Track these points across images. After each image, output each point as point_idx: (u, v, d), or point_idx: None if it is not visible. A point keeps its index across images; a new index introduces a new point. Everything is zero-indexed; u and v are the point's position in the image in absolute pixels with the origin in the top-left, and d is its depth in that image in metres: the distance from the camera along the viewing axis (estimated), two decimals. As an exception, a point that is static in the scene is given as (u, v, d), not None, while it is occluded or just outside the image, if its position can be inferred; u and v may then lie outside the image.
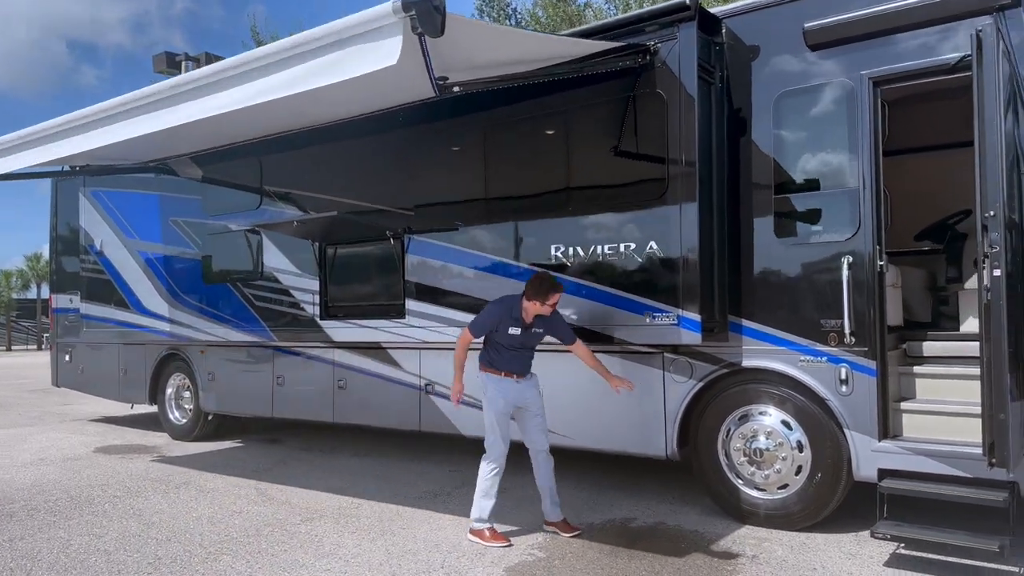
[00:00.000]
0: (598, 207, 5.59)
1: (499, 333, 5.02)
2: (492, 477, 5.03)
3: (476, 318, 5.14)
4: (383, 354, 7.20)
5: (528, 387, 5.13)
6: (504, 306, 5.05)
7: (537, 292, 4.92)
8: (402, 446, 8.32)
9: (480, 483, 5.06)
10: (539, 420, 5.14)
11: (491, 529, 5.01)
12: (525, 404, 5.10)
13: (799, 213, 5.07)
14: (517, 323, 5.00)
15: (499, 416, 5.03)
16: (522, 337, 5.05)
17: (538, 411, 5.14)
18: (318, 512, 5.88)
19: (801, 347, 5.02)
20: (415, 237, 6.63)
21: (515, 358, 5.09)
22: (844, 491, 4.98)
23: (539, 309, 4.93)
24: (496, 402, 5.04)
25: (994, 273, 3.78)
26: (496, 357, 5.08)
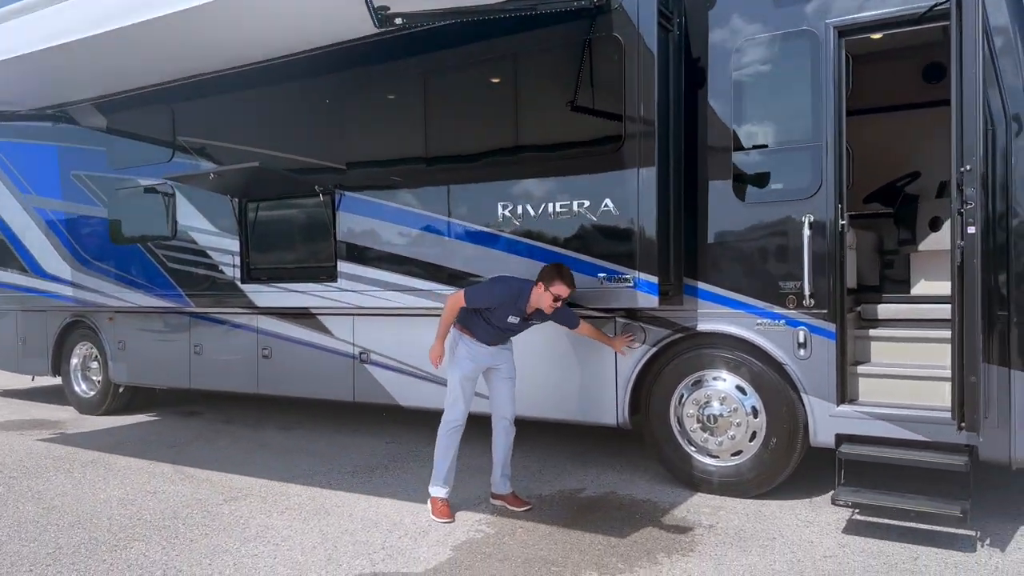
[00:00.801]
0: (549, 162, 5.23)
1: (492, 314, 4.65)
2: (447, 439, 4.73)
3: (478, 290, 4.71)
4: (312, 320, 6.71)
5: (502, 351, 4.82)
6: (511, 292, 4.61)
7: (551, 280, 4.53)
8: (333, 417, 7.87)
9: (438, 443, 4.77)
10: (509, 384, 4.81)
11: (443, 501, 4.71)
12: (496, 366, 4.79)
13: (759, 170, 4.84)
14: (519, 313, 4.64)
15: (463, 379, 4.71)
16: (518, 326, 4.72)
17: (510, 375, 4.82)
18: (243, 491, 5.41)
19: (758, 310, 4.83)
20: (347, 193, 6.13)
21: (496, 335, 4.74)
22: (799, 457, 4.85)
23: (547, 303, 4.54)
24: (464, 364, 4.71)
25: (968, 230, 3.63)
26: (475, 325, 4.71)
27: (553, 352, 5.47)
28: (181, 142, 7.18)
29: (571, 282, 4.57)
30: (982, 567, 3.79)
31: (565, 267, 4.64)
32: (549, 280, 4.53)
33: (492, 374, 4.81)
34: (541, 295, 4.53)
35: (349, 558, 4.10)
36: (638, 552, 4.09)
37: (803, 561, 3.91)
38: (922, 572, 3.74)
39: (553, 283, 4.52)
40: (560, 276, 4.54)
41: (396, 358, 6.28)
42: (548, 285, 4.52)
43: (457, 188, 5.59)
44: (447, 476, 4.72)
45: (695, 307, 5.02)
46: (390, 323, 6.25)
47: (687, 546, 4.16)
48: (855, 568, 3.81)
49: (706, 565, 3.89)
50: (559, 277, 4.54)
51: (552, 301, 4.51)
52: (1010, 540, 4.12)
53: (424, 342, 6.01)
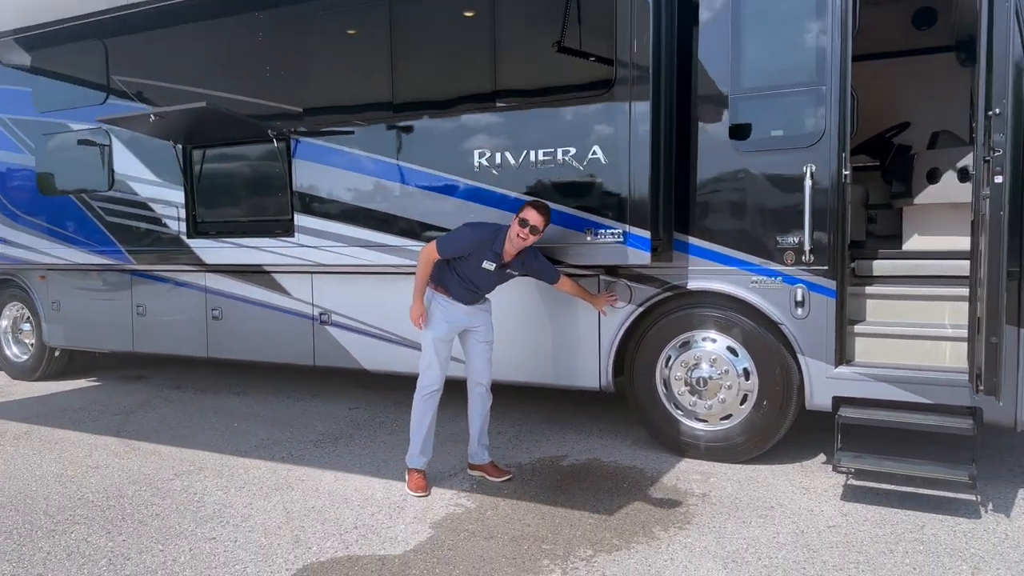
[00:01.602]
0: (531, 107, 4.78)
1: (467, 263, 4.25)
2: (422, 404, 4.36)
3: (450, 237, 4.33)
4: (267, 279, 6.22)
5: (479, 311, 4.44)
6: (486, 234, 4.23)
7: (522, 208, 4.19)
8: (291, 381, 7.42)
9: (413, 411, 4.40)
10: (485, 348, 4.45)
11: (420, 473, 4.37)
12: (473, 327, 4.41)
13: (758, 115, 4.49)
14: (495, 258, 4.23)
15: (437, 341, 4.32)
16: (494, 275, 4.31)
17: (487, 338, 4.46)
18: (196, 464, 4.97)
19: (754, 267, 4.54)
20: (304, 139, 5.60)
21: (472, 291, 4.35)
22: (791, 421, 4.62)
23: (515, 232, 4.14)
24: (438, 325, 4.32)
25: (995, 180, 3.36)
26: (450, 281, 4.32)
27: (531, 313, 5.12)
28: (116, 82, 6.51)
29: (544, 211, 4.18)
30: (991, 535, 3.62)
31: (542, 202, 4.30)
32: (521, 209, 4.19)
33: (468, 337, 4.45)
34: (513, 227, 4.16)
35: (319, 539, 3.73)
36: (632, 525, 3.81)
37: (807, 532, 3.69)
38: (931, 542, 3.55)
39: (523, 209, 4.16)
40: (531, 203, 4.21)
41: (360, 319, 5.86)
42: (519, 212, 4.17)
43: (428, 134, 5.12)
44: (424, 446, 4.37)
45: (685, 264, 4.70)
46: (353, 281, 5.81)
47: (683, 518, 3.90)
48: (862, 539, 3.60)
49: (707, 539, 3.64)
50: (530, 204, 4.20)
51: (519, 228, 4.11)
52: (1013, 505, 3.97)
53: (391, 302, 5.66)
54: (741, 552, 3.49)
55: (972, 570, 3.26)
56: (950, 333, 4.37)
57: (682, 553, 3.50)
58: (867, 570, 3.29)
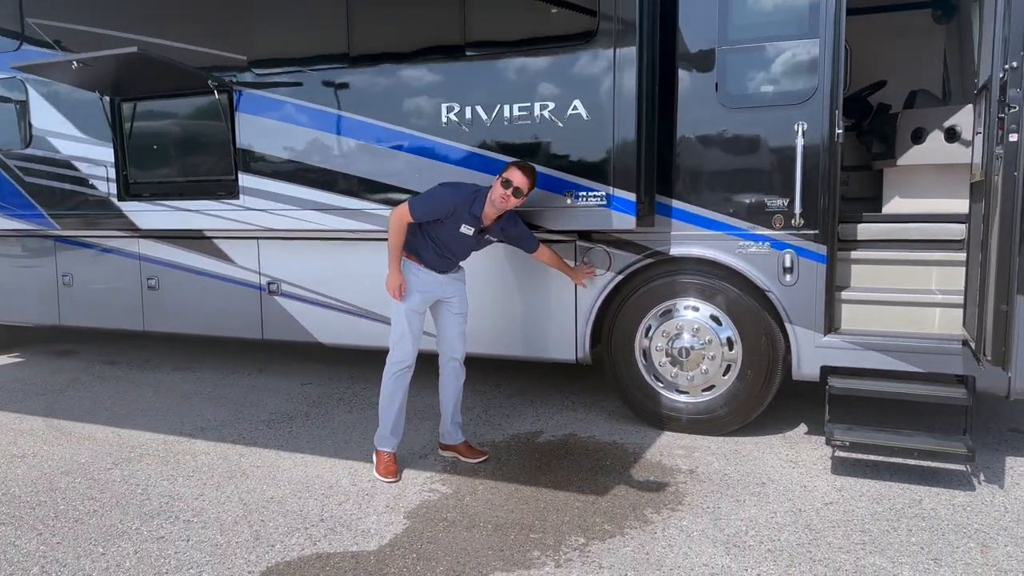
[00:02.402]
0: (504, 57, 4.38)
1: (443, 227, 3.88)
2: (395, 382, 4.00)
3: (424, 198, 3.93)
4: (208, 245, 5.73)
5: (453, 280, 4.09)
6: (464, 195, 3.86)
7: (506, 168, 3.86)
8: (237, 356, 6.94)
9: (383, 389, 4.04)
10: (459, 320, 4.11)
11: (390, 455, 4.04)
12: (446, 298, 4.07)
13: (747, 69, 4.21)
14: (474, 222, 3.87)
15: (410, 312, 3.95)
16: (472, 241, 3.95)
17: (461, 309, 4.12)
18: (136, 450, 4.52)
19: (740, 231, 4.30)
20: (249, 91, 5.08)
21: (446, 258, 4.00)
22: (774, 392, 4.45)
23: (498, 195, 3.80)
24: (411, 295, 3.95)
25: (1010, 138, 3.15)
26: (422, 247, 3.95)
27: (502, 282, 4.80)
28: (32, 25, 5.82)
29: (529, 173, 3.84)
30: (989, 507, 3.51)
31: (528, 163, 3.96)
32: (504, 169, 3.85)
33: (441, 309, 4.10)
34: (495, 188, 3.82)
35: (282, 535, 3.38)
36: (622, 508, 3.58)
37: (805, 510, 3.52)
38: (932, 517, 3.42)
39: (507, 170, 3.83)
40: (516, 164, 3.87)
41: (314, 289, 5.44)
42: (502, 172, 3.84)
43: (390, 86, 4.67)
44: (395, 426, 4.03)
45: (668, 228, 4.44)
46: (305, 248, 5.37)
47: (674, 498, 3.68)
48: (863, 517, 3.44)
49: (702, 521, 3.43)
50: (514, 164, 3.86)
51: (501, 190, 3.78)
52: (1004, 474, 3.89)
53: (348, 270, 5.25)
54: (741, 535, 3.29)
55: (981, 548, 3.13)
56: (939, 299, 4.24)
57: (679, 538, 3.28)
58: (874, 550, 3.12)
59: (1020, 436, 4.46)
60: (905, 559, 3.05)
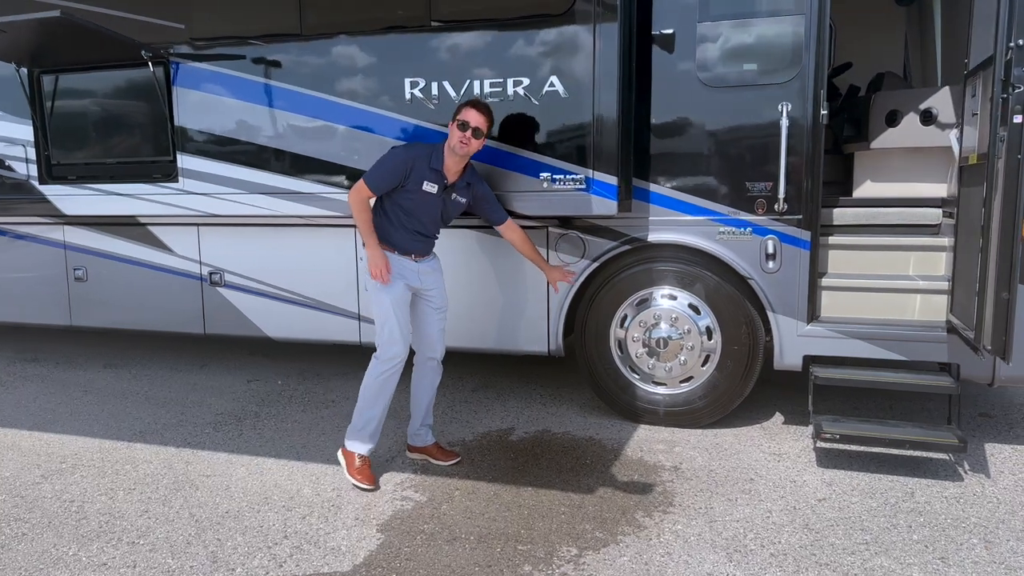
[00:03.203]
0: (473, 28, 4.07)
1: (406, 192, 3.55)
2: (382, 381, 3.66)
3: (377, 166, 3.59)
4: (142, 232, 5.26)
5: (430, 270, 3.77)
6: (419, 150, 3.57)
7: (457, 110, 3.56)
8: (172, 351, 6.46)
9: (366, 388, 3.70)
10: (440, 317, 3.81)
11: (363, 459, 3.71)
12: (425, 290, 3.74)
13: (730, 47, 4.02)
14: (437, 177, 3.55)
15: (396, 302, 3.61)
16: (439, 201, 3.61)
17: (440, 305, 3.81)
18: (69, 460, 4.09)
19: (721, 216, 4.12)
20: (188, 63, 4.63)
21: (419, 237, 3.67)
22: (754, 382, 4.31)
23: (456, 140, 3.49)
24: (393, 284, 3.61)
25: (1014, 120, 3.04)
26: (392, 230, 3.62)
27: (469, 270, 4.52)
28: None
29: (485, 110, 3.56)
30: (980, 499, 3.44)
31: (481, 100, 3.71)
32: (457, 111, 3.56)
33: (419, 303, 3.79)
34: (451, 133, 3.54)
35: (243, 556, 3.04)
36: (612, 512, 3.36)
37: (800, 508, 3.38)
38: (929, 512, 3.32)
39: (460, 111, 3.54)
40: (468, 103, 3.57)
41: (262, 279, 5.05)
42: (455, 115, 3.54)
43: (347, 59, 4.31)
44: (376, 429, 3.72)
45: (646, 213, 4.23)
46: (252, 235, 4.97)
47: (663, 499, 3.49)
48: (859, 513, 3.32)
49: (698, 524, 3.24)
50: (467, 103, 3.57)
51: (459, 133, 3.48)
52: (987, 463, 3.83)
53: (301, 259, 4.87)
54: (740, 538, 3.12)
55: (984, 544, 3.03)
56: (921, 285, 4.15)
57: (677, 544, 3.09)
58: (878, 551, 2.99)
59: (991, 421, 4.44)
60: (912, 559, 2.93)
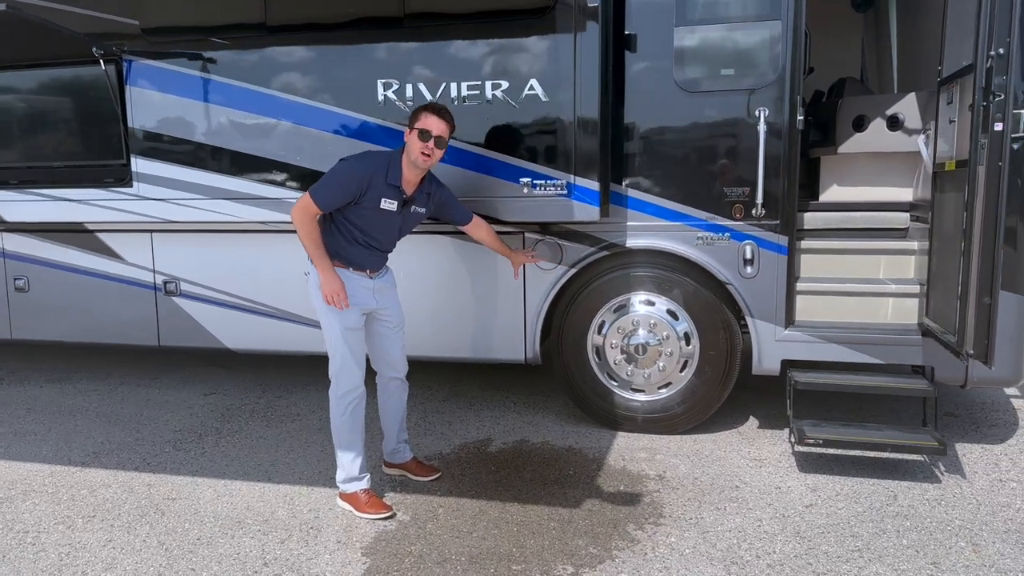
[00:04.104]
0: (450, 29, 3.94)
1: (360, 209, 3.29)
2: (351, 417, 3.44)
3: (326, 182, 3.27)
4: (90, 240, 4.98)
5: (385, 288, 3.54)
6: (375, 164, 3.28)
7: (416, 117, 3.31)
8: (123, 363, 6.14)
9: (337, 430, 3.46)
10: (399, 334, 3.61)
11: (367, 492, 3.47)
12: (380, 309, 3.52)
13: (707, 52, 4.00)
14: (395, 193, 3.30)
15: (347, 332, 3.36)
16: (398, 218, 3.37)
17: (398, 319, 3.60)
18: (18, 486, 3.81)
19: (699, 222, 4.10)
20: (142, 61, 4.38)
21: (374, 254, 3.44)
22: (731, 387, 4.31)
23: (417, 150, 3.23)
24: (344, 312, 3.35)
25: (995, 127, 3.08)
26: (344, 244, 3.36)
27: (444, 277, 4.40)
28: None
29: (447, 115, 3.29)
30: (961, 500, 3.49)
31: (440, 103, 3.46)
32: (414, 118, 3.31)
33: (374, 324, 3.54)
34: (410, 144, 3.27)
35: (221, 587, 2.87)
36: (603, 526, 3.30)
37: (789, 515, 3.37)
38: (914, 516, 3.35)
39: (418, 118, 3.28)
40: (426, 107, 3.31)
41: (221, 288, 4.83)
42: (413, 123, 3.30)
43: (316, 58, 4.14)
44: (364, 461, 3.51)
45: (624, 219, 4.18)
46: (210, 242, 4.74)
47: (652, 510, 3.44)
48: (847, 519, 3.33)
49: (691, 536, 3.20)
50: (425, 109, 3.30)
51: (421, 144, 3.22)
52: (960, 464, 3.90)
53: (262, 267, 4.68)
54: (735, 549, 3.09)
55: (972, 547, 3.07)
56: (892, 289, 4.21)
57: (673, 557, 3.03)
58: (872, 558, 3.00)
59: (957, 420, 4.54)
60: (906, 565, 2.94)
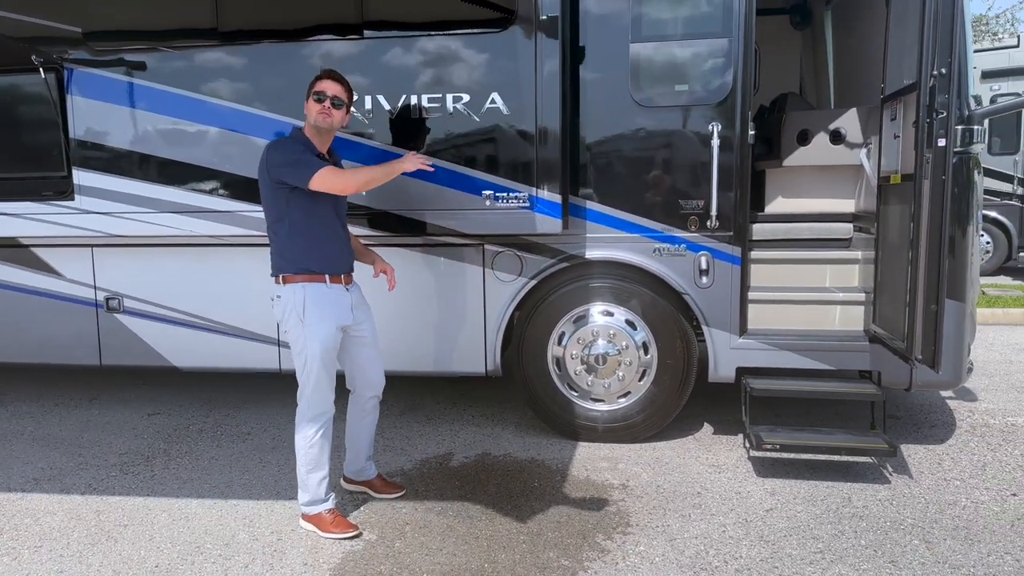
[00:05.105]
0: (410, 42, 3.92)
1: (303, 191, 3.20)
2: (320, 440, 3.33)
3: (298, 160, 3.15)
4: (24, 255, 4.75)
5: (360, 301, 3.47)
6: (293, 140, 3.27)
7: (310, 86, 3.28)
8: (57, 383, 5.87)
9: (304, 453, 3.33)
10: (376, 351, 3.53)
11: (332, 512, 3.38)
12: (356, 324, 3.42)
13: (662, 67, 4.09)
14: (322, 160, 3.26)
15: (327, 350, 3.26)
16: None
17: (373, 335, 3.52)
18: (-48, 519, 3.59)
19: (656, 233, 4.18)
20: (85, 70, 4.21)
21: (336, 240, 3.32)
22: (688, 394, 4.39)
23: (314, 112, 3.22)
24: (322, 330, 3.24)
25: (938, 143, 3.24)
26: (312, 249, 3.24)
27: (402, 291, 4.32)
28: None
29: (340, 77, 3.29)
30: (911, 499, 3.63)
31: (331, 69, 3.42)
32: (308, 90, 3.28)
33: (350, 341, 3.44)
34: (309, 110, 3.26)
35: (185, 617, 2.76)
36: (572, 537, 3.31)
37: (752, 520, 3.45)
38: (870, 516, 3.47)
39: (312, 86, 3.26)
40: (319, 75, 3.29)
41: (167, 304, 4.68)
42: (308, 93, 3.27)
43: (269, 68, 4.06)
44: (330, 482, 3.41)
45: (583, 231, 4.22)
46: (156, 256, 4.59)
47: (619, 519, 3.47)
48: (807, 521, 3.43)
49: (659, 544, 3.24)
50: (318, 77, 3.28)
51: (318, 107, 3.21)
52: (907, 464, 4.06)
53: (212, 281, 4.54)
54: (703, 555, 3.14)
55: (925, 544, 3.20)
56: (839, 297, 4.37)
57: (644, 567, 3.07)
58: (834, 559, 3.09)
59: (899, 422, 4.73)
60: (866, 564, 3.04)
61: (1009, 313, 7.84)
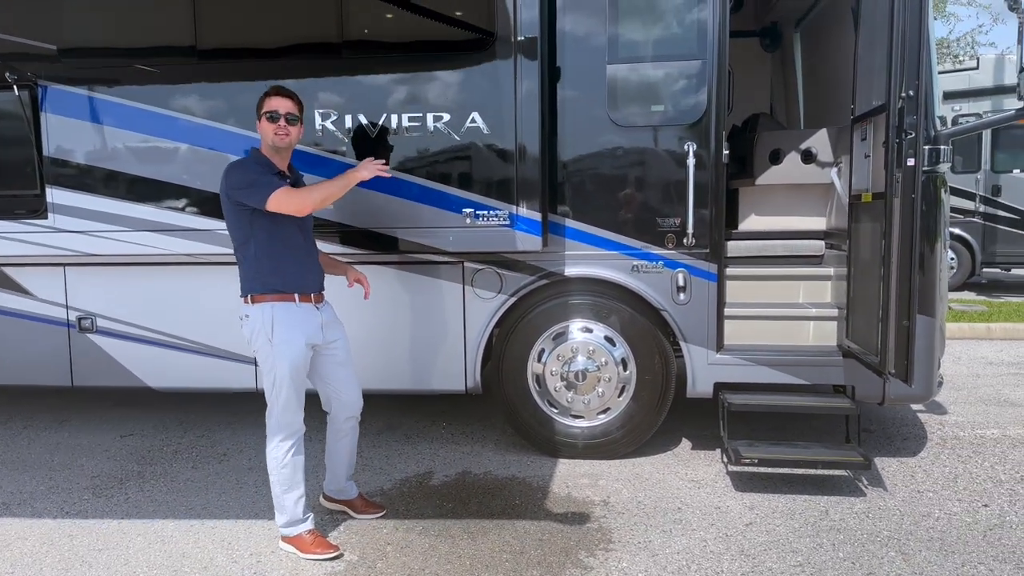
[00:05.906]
0: (391, 62, 3.95)
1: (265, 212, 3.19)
2: (292, 459, 3.30)
3: (256, 181, 3.13)
4: (-5, 275, 4.66)
5: (332, 320, 3.44)
6: (253, 160, 3.26)
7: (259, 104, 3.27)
8: (24, 405, 5.74)
9: (277, 474, 3.29)
10: (350, 371, 3.50)
11: (312, 532, 3.33)
12: (328, 343, 3.39)
13: (638, 88, 4.16)
14: (282, 178, 3.24)
15: (296, 370, 3.24)
16: None
17: (347, 355, 3.49)
18: (-82, 546, 3.49)
19: (634, 251, 4.23)
20: (60, 87, 4.17)
21: (304, 259, 3.30)
22: (667, 410, 4.43)
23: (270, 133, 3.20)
24: (291, 348, 3.21)
25: (907, 162, 3.34)
26: (279, 268, 3.21)
27: (381, 308, 4.34)
28: None
29: (290, 92, 3.28)
30: (886, 512, 3.69)
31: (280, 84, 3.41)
32: (258, 108, 3.26)
33: (322, 360, 3.40)
34: (264, 131, 3.23)
35: (164, 642, 2.71)
36: (555, 555, 3.31)
37: (732, 535, 3.48)
38: (847, 529, 3.52)
39: (262, 105, 3.24)
40: (267, 92, 3.27)
41: (141, 324, 4.62)
42: (259, 112, 3.25)
43: (248, 87, 4.04)
44: (307, 502, 3.38)
45: (562, 248, 4.26)
46: (130, 275, 4.54)
47: (601, 536, 3.48)
48: (786, 534, 3.47)
49: (641, 559, 3.26)
50: (265, 95, 3.26)
51: (272, 126, 3.19)
52: (881, 477, 4.13)
53: (187, 300, 4.51)
54: (685, 570, 3.16)
55: (902, 556, 3.25)
56: (812, 312, 4.45)
57: (627, 582, 3.08)
58: (814, 572, 3.13)
59: (872, 436, 4.81)
60: (845, 577, 3.09)
61: (975, 327, 8.03)
